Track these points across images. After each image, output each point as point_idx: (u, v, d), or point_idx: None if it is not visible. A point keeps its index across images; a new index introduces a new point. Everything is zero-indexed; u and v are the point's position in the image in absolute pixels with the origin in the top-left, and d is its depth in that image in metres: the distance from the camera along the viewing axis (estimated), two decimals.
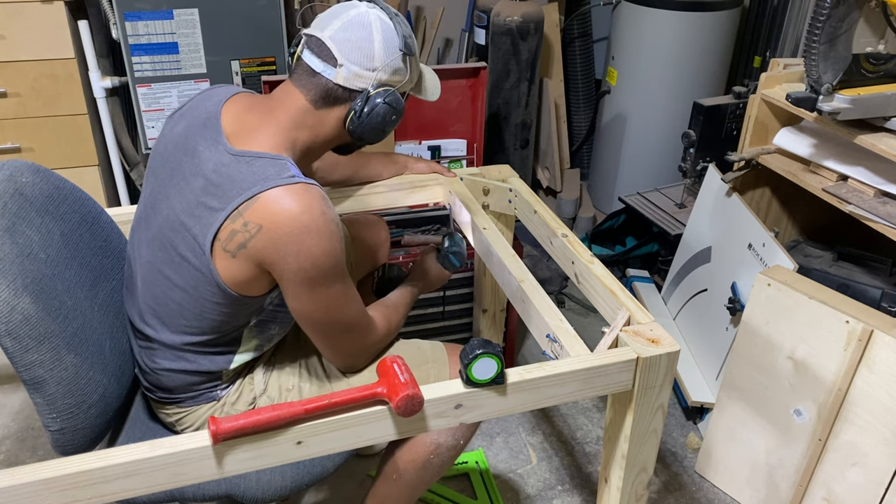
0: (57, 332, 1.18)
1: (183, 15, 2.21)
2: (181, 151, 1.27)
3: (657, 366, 1.21)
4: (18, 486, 0.95)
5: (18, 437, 2.10)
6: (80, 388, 1.21)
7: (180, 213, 1.22)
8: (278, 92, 1.29)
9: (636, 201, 2.69)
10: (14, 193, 1.25)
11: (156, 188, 1.30)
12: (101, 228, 1.42)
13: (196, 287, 1.23)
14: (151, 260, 1.28)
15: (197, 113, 1.29)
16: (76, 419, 1.21)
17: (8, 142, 2.27)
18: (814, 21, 1.61)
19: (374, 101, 1.26)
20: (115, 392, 1.32)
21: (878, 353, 1.55)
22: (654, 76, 2.90)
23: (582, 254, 1.50)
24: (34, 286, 1.18)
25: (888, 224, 1.66)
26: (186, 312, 1.26)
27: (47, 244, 1.26)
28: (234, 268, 1.19)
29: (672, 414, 2.23)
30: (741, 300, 1.98)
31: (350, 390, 1.08)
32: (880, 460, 1.60)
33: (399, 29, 1.28)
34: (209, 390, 1.35)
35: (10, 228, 1.20)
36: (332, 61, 1.23)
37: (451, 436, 1.38)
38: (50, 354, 1.17)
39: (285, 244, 1.15)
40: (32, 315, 1.15)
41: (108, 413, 1.30)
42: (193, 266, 1.21)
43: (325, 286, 1.21)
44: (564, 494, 1.96)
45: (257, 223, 1.15)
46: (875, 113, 1.69)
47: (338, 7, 1.28)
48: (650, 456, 1.32)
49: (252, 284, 1.22)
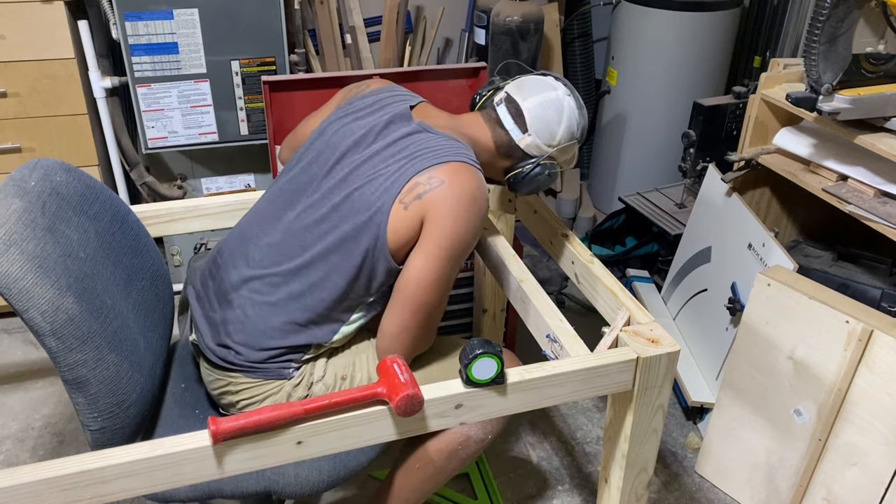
0: (99, 332, 1.19)
1: (183, 15, 2.21)
2: (368, 129, 1.39)
3: (657, 366, 1.21)
4: (18, 486, 0.95)
5: (18, 437, 2.10)
6: (120, 387, 1.21)
7: (367, 169, 1.34)
8: (467, 117, 1.50)
9: (636, 201, 2.69)
10: (51, 192, 1.26)
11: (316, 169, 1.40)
12: (130, 227, 1.43)
13: (359, 238, 1.31)
14: (312, 211, 1.36)
15: (387, 105, 1.44)
16: (116, 418, 1.21)
17: (8, 142, 2.27)
18: (814, 21, 1.60)
19: (541, 170, 1.46)
20: (150, 391, 1.33)
21: (878, 353, 1.55)
22: (654, 76, 2.90)
23: (582, 254, 1.50)
24: (77, 286, 1.18)
25: (888, 224, 1.66)
26: (330, 264, 1.33)
27: (85, 243, 1.27)
28: (402, 220, 1.29)
29: (672, 414, 2.23)
30: (741, 300, 1.98)
31: (350, 390, 1.08)
32: (880, 460, 1.60)
33: (581, 122, 1.48)
34: (285, 367, 1.38)
35: (50, 228, 1.20)
36: (523, 127, 1.45)
37: (482, 429, 1.40)
38: (93, 354, 1.17)
39: (453, 205, 1.29)
40: (76, 315, 1.14)
41: (144, 412, 1.30)
42: (366, 217, 1.30)
43: (453, 260, 1.32)
44: (564, 494, 1.96)
45: (441, 178, 1.29)
46: (875, 113, 1.69)
47: (542, 83, 1.47)
48: (650, 456, 1.32)
49: (405, 245, 1.31)
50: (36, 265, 1.13)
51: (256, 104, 2.39)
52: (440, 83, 2.22)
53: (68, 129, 2.32)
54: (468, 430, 1.39)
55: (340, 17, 2.69)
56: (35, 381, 2.32)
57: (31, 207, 1.20)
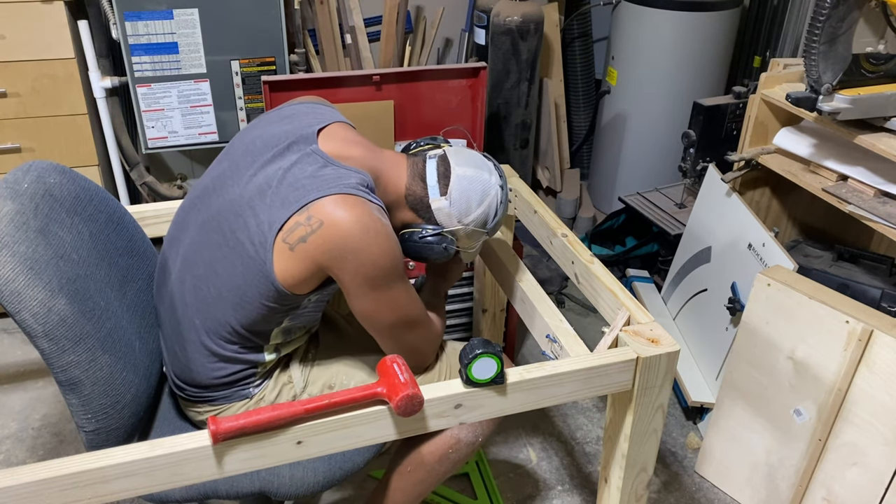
0: (92, 333, 1.18)
1: (183, 15, 2.21)
2: (270, 146, 1.30)
3: (657, 366, 1.22)
4: (18, 486, 0.95)
5: (18, 437, 2.10)
6: (114, 388, 1.21)
7: (252, 197, 1.24)
8: (390, 154, 1.39)
9: (636, 201, 2.69)
10: (44, 194, 1.25)
11: (227, 171, 1.32)
12: (126, 228, 1.43)
13: (244, 275, 1.23)
14: (200, 242, 1.29)
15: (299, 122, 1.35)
16: (110, 419, 1.21)
17: (8, 142, 2.27)
18: (814, 21, 1.60)
19: (438, 241, 1.35)
20: (146, 392, 1.32)
21: (878, 353, 1.55)
22: (654, 76, 2.90)
23: (582, 254, 1.50)
24: (69, 287, 1.18)
25: (888, 224, 1.66)
26: (224, 302, 1.26)
27: (78, 245, 1.26)
28: (290, 262, 1.21)
29: (672, 414, 2.23)
30: (741, 300, 1.98)
31: (350, 390, 1.08)
32: (880, 460, 1.60)
33: (497, 218, 1.40)
34: (242, 387, 1.35)
35: (43, 230, 1.20)
36: (444, 190, 1.35)
37: (472, 432, 1.40)
38: (86, 355, 1.16)
39: (343, 245, 1.19)
40: (68, 316, 1.14)
41: (140, 413, 1.30)
42: (248, 254, 1.22)
43: (386, 286, 1.25)
44: (564, 494, 1.96)
45: (319, 219, 1.19)
46: (875, 113, 1.69)
47: (482, 161, 1.40)
48: (650, 456, 1.32)
49: (302, 283, 1.23)
50: (27, 267, 1.13)
51: (256, 104, 2.39)
52: (440, 83, 2.22)
53: (68, 129, 2.32)
54: (458, 433, 1.39)
55: (340, 17, 2.69)
56: (35, 380, 2.32)
57: (24, 209, 1.20)
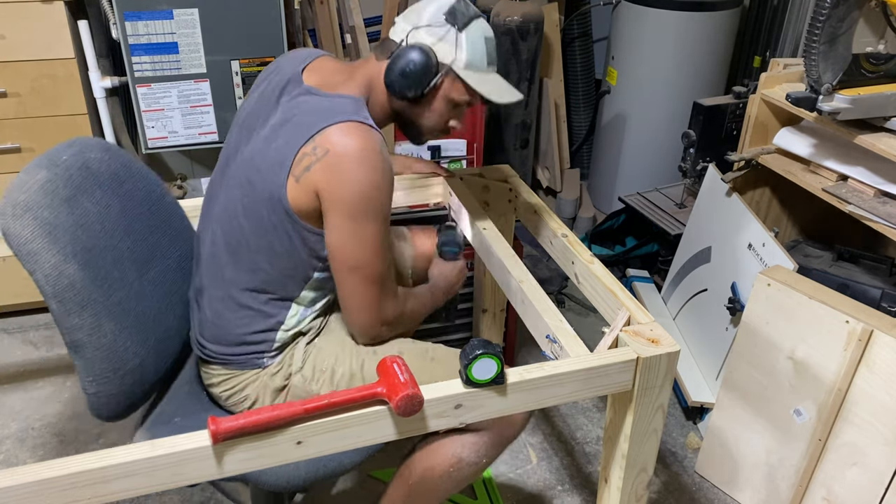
0: (99, 300, 1.25)
1: (183, 15, 2.21)
2: (266, 101, 1.37)
3: (657, 366, 1.21)
4: (18, 486, 0.95)
5: (18, 437, 2.10)
6: (116, 355, 1.27)
7: (262, 147, 1.31)
8: (362, 60, 1.43)
9: (636, 201, 2.69)
10: (81, 167, 1.33)
11: (238, 137, 1.39)
12: (163, 209, 1.48)
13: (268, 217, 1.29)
14: (226, 203, 1.36)
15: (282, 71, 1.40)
16: (111, 384, 1.28)
17: (8, 142, 2.27)
18: (814, 21, 1.61)
19: (405, 51, 1.32)
20: (153, 365, 1.38)
21: (878, 353, 1.55)
22: (654, 76, 2.90)
23: (582, 254, 1.50)
24: (83, 255, 1.25)
25: (888, 224, 1.66)
26: (253, 249, 1.33)
27: (104, 217, 1.33)
28: (299, 192, 1.26)
29: (672, 414, 2.23)
30: (741, 300, 1.98)
31: (350, 390, 1.08)
32: (880, 460, 1.60)
33: (457, 6, 1.34)
34: (256, 355, 1.39)
35: (69, 199, 1.28)
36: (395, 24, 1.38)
37: (475, 452, 1.37)
38: (90, 320, 1.23)
39: (340, 171, 1.23)
40: (77, 281, 1.22)
41: (145, 384, 1.36)
42: (266, 197, 1.29)
43: (364, 221, 1.27)
44: (564, 494, 1.96)
45: (326, 147, 1.24)
46: (875, 113, 1.69)
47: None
48: (650, 456, 1.32)
49: (312, 213, 1.28)
50: (46, 231, 1.21)
51: None
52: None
53: (68, 129, 2.32)
54: (460, 452, 1.36)
55: (340, 17, 2.69)
56: (35, 381, 2.32)
57: (56, 178, 1.28)
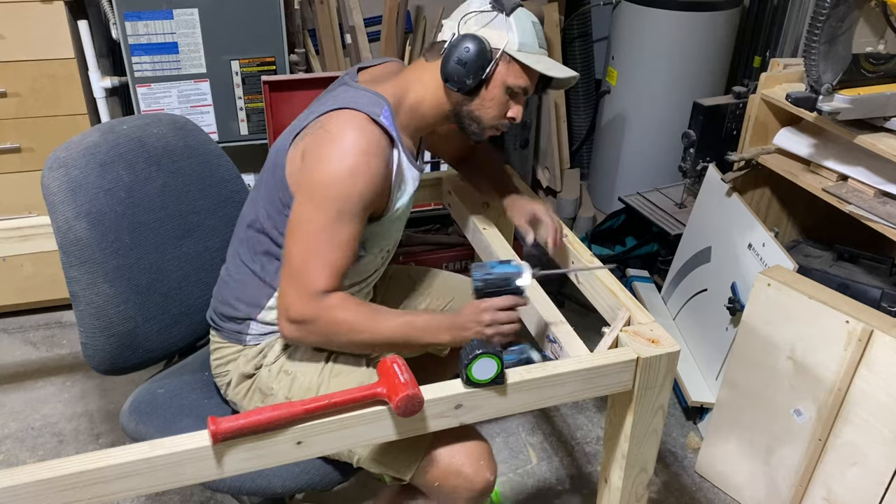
0: (99, 261, 1.36)
1: (183, 15, 2.21)
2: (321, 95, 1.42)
3: (657, 366, 1.21)
4: (18, 486, 0.95)
5: (18, 437, 2.10)
6: (106, 315, 1.38)
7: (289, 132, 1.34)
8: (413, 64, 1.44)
9: (636, 201, 2.69)
10: (134, 139, 1.43)
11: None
12: (218, 194, 1.55)
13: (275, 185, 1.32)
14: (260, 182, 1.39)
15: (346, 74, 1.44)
16: (97, 340, 1.38)
17: (7, 142, 2.27)
18: (814, 21, 1.60)
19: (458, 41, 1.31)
20: (154, 336, 1.46)
21: (878, 353, 1.55)
22: (654, 76, 2.90)
23: (582, 254, 1.50)
24: (96, 216, 1.36)
25: (888, 224, 1.66)
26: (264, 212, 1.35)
27: (137, 188, 1.42)
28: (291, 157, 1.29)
29: (672, 414, 2.23)
30: (741, 300, 1.98)
31: (350, 390, 1.08)
32: (880, 460, 1.60)
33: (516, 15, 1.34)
34: (242, 327, 1.40)
35: (105, 164, 1.39)
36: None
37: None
38: (87, 277, 1.35)
39: (319, 148, 1.25)
40: (83, 239, 1.34)
41: (138, 350, 1.44)
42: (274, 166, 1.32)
43: (314, 206, 1.24)
44: (564, 494, 1.96)
45: (321, 123, 1.27)
46: (875, 113, 1.69)
47: None
48: (650, 456, 1.32)
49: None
50: (69, 188, 1.34)
51: (256, 104, 2.39)
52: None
53: (68, 129, 2.32)
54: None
55: (340, 16, 2.68)
56: (35, 380, 2.32)
57: (102, 143, 1.39)
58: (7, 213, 2.29)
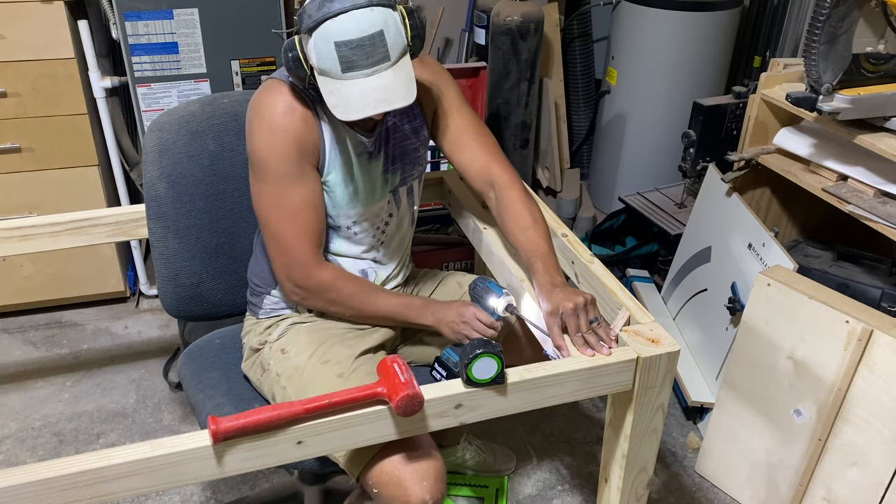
0: (171, 218, 1.52)
1: (183, 15, 2.21)
2: None
3: (657, 366, 1.21)
4: (18, 486, 0.95)
5: (18, 437, 2.10)
6: (173, 267, 1.55)
7: None
8: None
9: (636, 201, 2.69)
10: (230, 112, 1.53)
11: None
12: None
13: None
14: None
15: None
16: (165, 288, 1.57)
17: (8, 142, 2.27)
18: (814, 21, 1.60)
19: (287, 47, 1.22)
20: (213, 290, 1.60)
21: (878, 353, 1.55)
22: (654, 76, 2.90)
23: (582, 254, 1.50)
24: (176, 179, 1.50)
25: (888, 224, 1.66)
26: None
27: (222, 158, 1.53)
28: None
29: (672, 414, 2.23)
30: (741, 300, 1.98)
31: (350, 390, 1.08)
32: (880, 460, 1.60)
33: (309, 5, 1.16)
34: (255, 303, 1.51)
35: (196, 133, 1.51)
36: None
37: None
38: (159, 232, 1.53)
39: (248, 126, 1.32)
40: (161, 196, 1.50)
41: (203, 303, 1.60)
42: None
43: (260, 179, 1.32)
44: (564, 494, 1.96)
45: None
46: (875, 113, 1.69)
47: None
48: (650, 456, 1.32)
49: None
50: (159, 150, 1.48)
51: None
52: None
53: (68, 129, 2.32)
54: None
55: None
56: (35, 381, 2.32)
57: (199, 113, 1.51)
58: (7, 213, 2.29)
